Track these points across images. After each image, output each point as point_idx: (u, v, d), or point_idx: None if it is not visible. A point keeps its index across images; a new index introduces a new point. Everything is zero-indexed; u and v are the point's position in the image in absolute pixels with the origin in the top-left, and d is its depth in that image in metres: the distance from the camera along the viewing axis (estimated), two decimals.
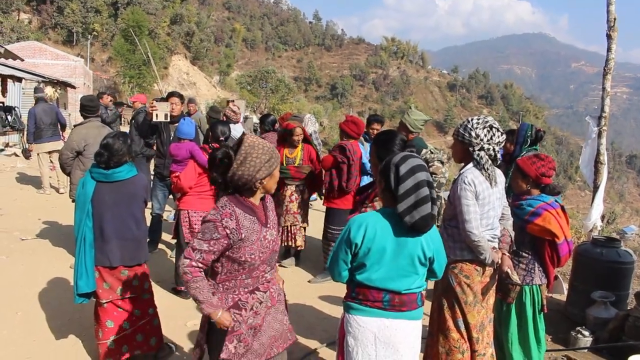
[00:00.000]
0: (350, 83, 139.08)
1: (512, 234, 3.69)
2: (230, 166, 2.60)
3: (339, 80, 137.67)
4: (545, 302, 3.89)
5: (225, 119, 7.33)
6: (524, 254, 3.85)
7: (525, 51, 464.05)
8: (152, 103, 6.41)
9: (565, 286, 6.01)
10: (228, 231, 2.54)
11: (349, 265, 2.72)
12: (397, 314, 2.69)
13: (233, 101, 13.24)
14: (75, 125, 6.18)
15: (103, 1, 66.38)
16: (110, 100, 11.28)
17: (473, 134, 3.31)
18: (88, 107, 6.05)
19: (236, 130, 6.66)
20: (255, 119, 15.04)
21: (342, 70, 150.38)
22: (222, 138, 5.27)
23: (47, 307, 4.97)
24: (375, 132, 6.59)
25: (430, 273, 2.80)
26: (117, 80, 53.26)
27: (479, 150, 3.32)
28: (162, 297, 5.12)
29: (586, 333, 4.73)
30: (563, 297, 5.90)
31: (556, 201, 3.87)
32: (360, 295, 2.72)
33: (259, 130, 9.30)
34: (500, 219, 3.54)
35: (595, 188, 6.45)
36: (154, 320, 4.10)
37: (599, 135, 6.45)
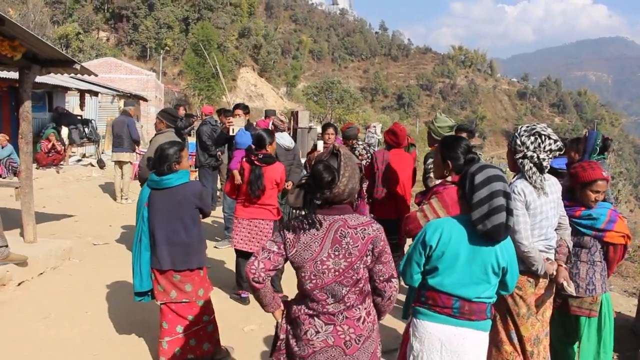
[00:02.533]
0: (417, 93, 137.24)
1: (570, 244, 3.59)
2: (333, 182, 2.43)
3: (405, 90, 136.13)
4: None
5: (274, 128, 7.65)
6: (598, 262, 3.77)
7: (600, 56, 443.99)
8: (229, 120, 7.20)
9: (634, 302, 5.75)
10: None
11: (422, 268, 2.75)
12: (465, 322, 2.68)
13: (297, 112, 13.59)
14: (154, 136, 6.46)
15: (175, 17, 68.97)
16: (184, 112, 11.87)
17: (518, 141, 3.27)
18: (167, 118, 6.19)
19: (284, 139, 6.93)
20: (318, 129, 15.37)
21: (408, 80, 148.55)
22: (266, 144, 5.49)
23: (113, 308, 5.22)
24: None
25: (502, 285, 2.79)
26: (187, 92, 55.05)
27: (521, 157, 3.27)
28: (222, 301, 5.29)
29: None
30: (632, 313, 5.64)
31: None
32: (430, 300, 2.73)
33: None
34: (556, 229, 3.45)
35: None
36: (207, 327, 4.15)
37: None
